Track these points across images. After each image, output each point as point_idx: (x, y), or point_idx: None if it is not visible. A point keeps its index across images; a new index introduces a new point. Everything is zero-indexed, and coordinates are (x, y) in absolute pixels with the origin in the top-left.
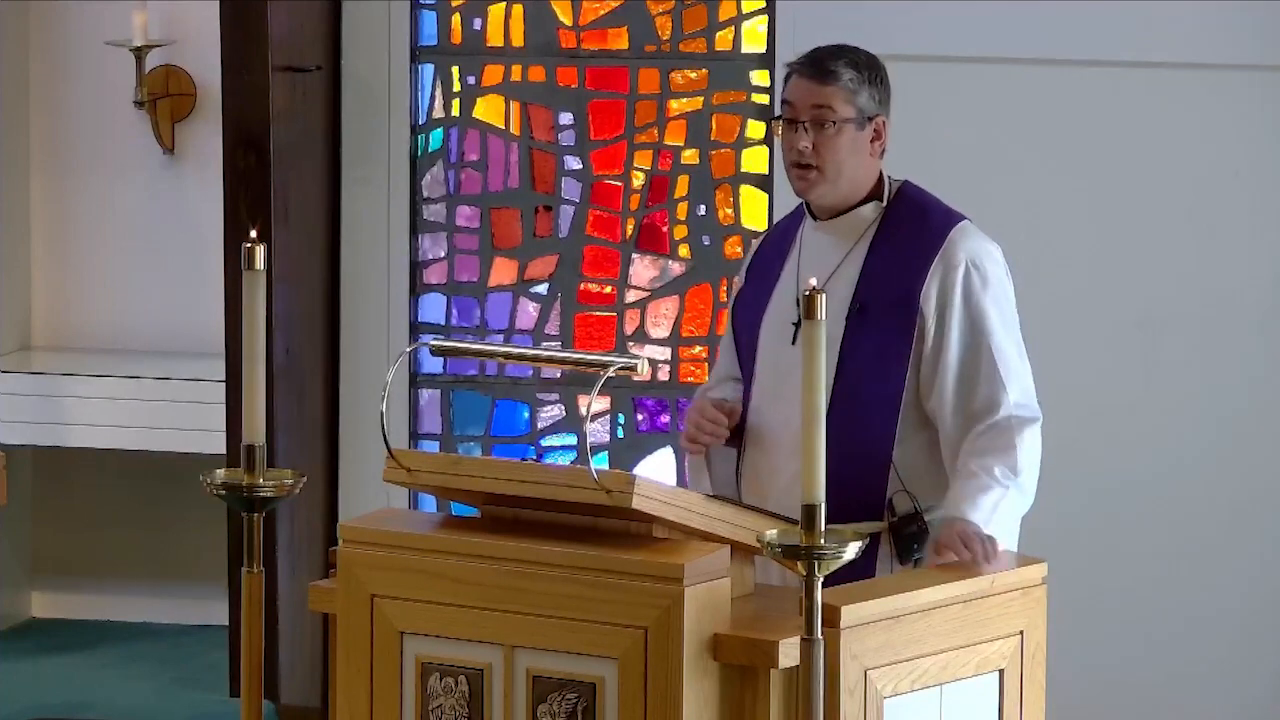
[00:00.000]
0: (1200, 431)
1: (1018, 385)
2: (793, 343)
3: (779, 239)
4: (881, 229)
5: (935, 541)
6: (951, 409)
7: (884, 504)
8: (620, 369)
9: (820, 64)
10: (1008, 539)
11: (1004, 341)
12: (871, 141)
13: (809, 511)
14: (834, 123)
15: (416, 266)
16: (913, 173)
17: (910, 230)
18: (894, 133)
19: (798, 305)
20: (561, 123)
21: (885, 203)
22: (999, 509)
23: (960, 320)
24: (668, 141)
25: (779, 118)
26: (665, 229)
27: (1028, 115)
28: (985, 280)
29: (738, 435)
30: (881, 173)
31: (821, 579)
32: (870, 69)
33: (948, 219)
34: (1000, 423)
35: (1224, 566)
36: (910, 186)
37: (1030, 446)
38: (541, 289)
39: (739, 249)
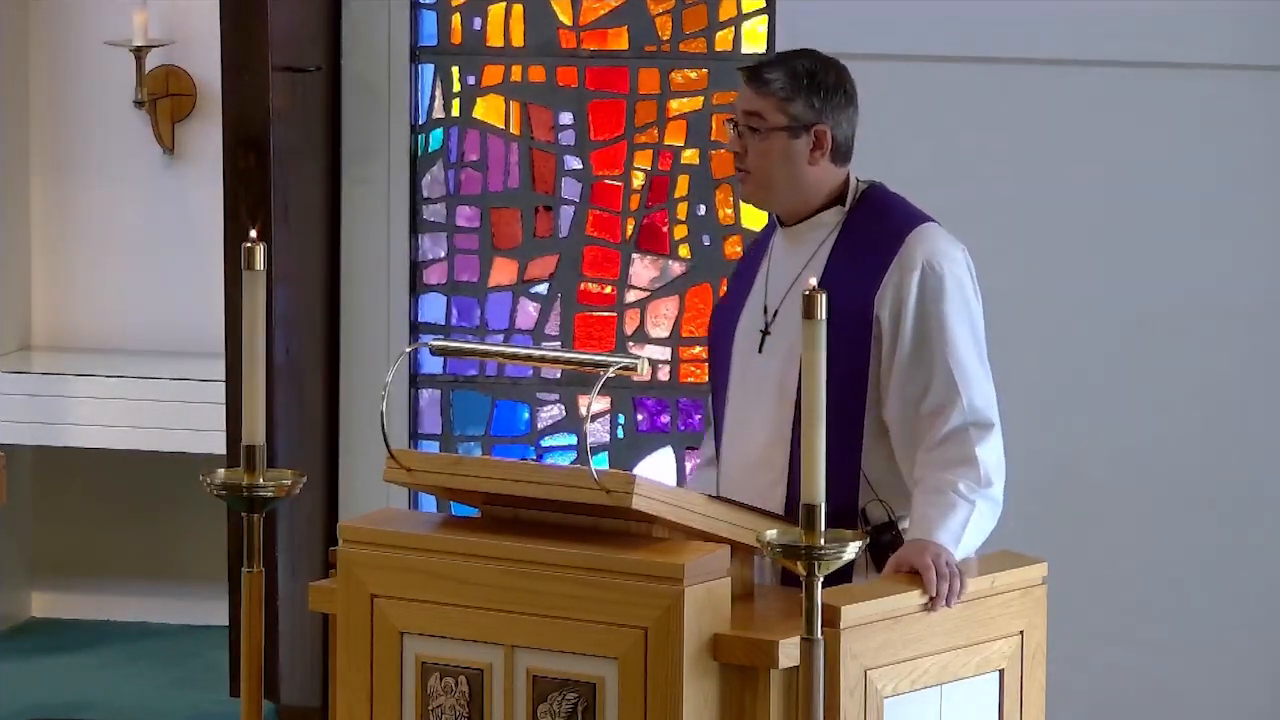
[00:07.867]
0: (1201, 431)
1: (974, 392)
2: (759, 351)
3: (757, 248)
4: (843, 235)
5: (899, 558)
6: (901, 415)
7: (857, 514)
8: (620, 369)
9: (756, 71)
10: (972, 551)
11: (961, 347)
12: (811, 150)
13: (809, 511)
14: (762, 131)
15: (416, 266)
16: (910, 173)
17: (870, 235)
18: (892, 133)
19: (765, 313)
20: (561, 123)
21: (848, 207)
22: (968, 527)
23: (913, 325)
24: (668, 141)
25: (730, 120)
26: (665, 229)
27: (1027, 115)
28: (941, 283)
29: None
30: (849, 176)
31: (821, 579)
32: (812, 77)
33: (907, 221)
34: (956, 432)
35: (1224, 566)
36: (878, 189)
37: (993, 454)
38: (541, 289)
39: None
